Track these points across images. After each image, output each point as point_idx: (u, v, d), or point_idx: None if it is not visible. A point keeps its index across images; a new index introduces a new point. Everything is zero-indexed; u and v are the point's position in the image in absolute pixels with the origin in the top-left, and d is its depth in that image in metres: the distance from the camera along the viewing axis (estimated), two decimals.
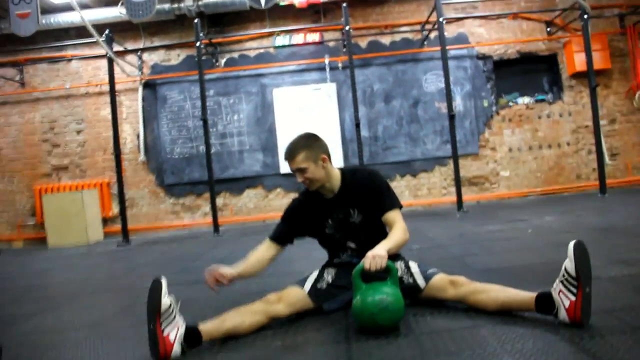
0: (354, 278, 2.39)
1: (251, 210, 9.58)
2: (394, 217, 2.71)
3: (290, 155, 2.69)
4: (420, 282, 2.61)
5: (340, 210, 2.78)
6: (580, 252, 2.11)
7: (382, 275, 2.38)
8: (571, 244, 2.14)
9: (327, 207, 2.81)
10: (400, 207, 2.77)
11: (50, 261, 6.89)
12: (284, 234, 2.87)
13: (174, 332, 2.24)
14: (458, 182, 8.07)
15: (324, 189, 2.77)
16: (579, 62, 9.12)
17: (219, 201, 9.37)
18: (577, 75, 9.45)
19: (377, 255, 2.35)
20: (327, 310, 2.68)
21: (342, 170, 2.85)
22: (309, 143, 2.72)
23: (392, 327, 2.32)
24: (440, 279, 2.59)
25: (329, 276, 2.78)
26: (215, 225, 8.17)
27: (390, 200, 2.75)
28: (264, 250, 2.85)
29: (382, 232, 2.79)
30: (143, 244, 8.06)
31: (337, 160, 9.05)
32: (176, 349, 2.22)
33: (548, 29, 9.62)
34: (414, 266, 2.71)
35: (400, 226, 2.66)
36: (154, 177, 9.72)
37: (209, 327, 2.37)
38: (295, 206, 2.92)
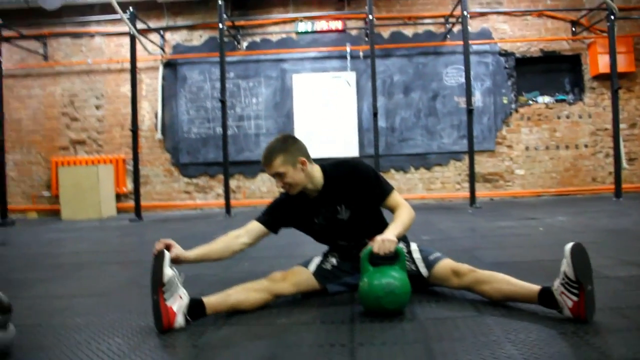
0: (362, 260, 2.38)
1: (264, 194, 9.61)
2: (393, 200, 2.65)
3: (267, 160, 2.59)
4: (423, 270, 2.59)
5: (327, 208, 2.70)
6: (579, 256, 2.06)
7: (390, 259, 2.37)
8: (567, 248, 2.08)
9: (312, 206, 2.72)
10: (393, 188, 2.69)
11: (63, 232, 6.96)
12: (270, 221, 2.78)
13: (177, 303, 2.25)
14: (472, 177, 8.04)
15: (307, 190, 2.68)
16: (603, 63, 9.03)
17: (232, 183, 9.42)
18: (599, 77, 9.35)
19: (386, 240, 2.33)
20: (332, 292, 2.68)
21: (322, 167, 2.73)
22: (286, 147, 2.62)
23: (398, 311, 2.33)
24: (442, 267, 2.55)
25: (333, 259, 2.77)
26: (227, 206, 8.21)
27: (383, 187, 2.67)
28: (242, 233, 2.74)
29: (372, 228, 2.67)
30: (155, 221, 8.13)
31: (353, 150, 9.06)
32: (179, 319, 2.24)
33: (573, 29, 9.52)
34: (415, 251, 2.68)
35: (404, 206, 2.62)
36: (169, 156, 9.78)
37: (213, 301, 2.38)
38: (281, 200, 2.82)
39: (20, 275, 3.82)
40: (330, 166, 2.74)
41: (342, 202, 2.68)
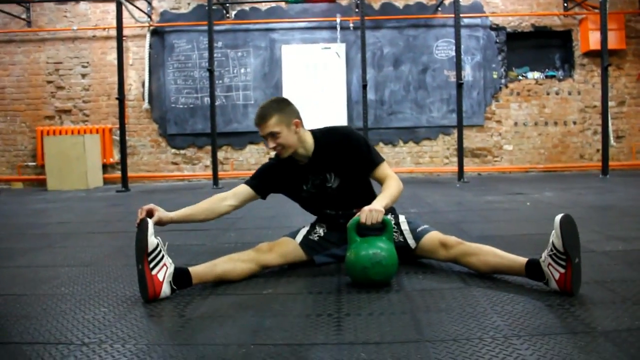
0: (349, 231, 2.36)
1: (252, 166, 9.57)
2: (382, 171, 2.64)
3: (262, 118, 2.54)
4: (411, 242, 2.59)
5: (316, 175, 2.68)
6: (568, 226, 2.06)
7: (378, 230, 2.37)
8: (557, 219, 2.08)
9: (302, 173, 2.71)
10: (383, 160, 2.68)
11: (49, 203, 6.90)
12: (258, 185, 2.77)
13: (163, 271, 2.23)
14: (461, 152, 8.05)
15: (297, 155, 2.65)
16: (594, 40, 9.01)
17: (220, 155, 9.37)
18: (590, 54, 9.35)
19: (373, 210, 2.31)
20: (318, 263, 2.68)
21: (313, 133, 2.72)
22: (282, 107, 2.60)
23: (384, 282, 2.33)
24: (430, 239, 2.56)
25: (320, 229, 2.77)
26: (215, 178, 8.18)
27: (373, 157, 2.65)
28: (229, 195, 2.74)
29: (361, 198, 2.66)
30: (142, 192, 8.09)
31: (342, 122, 9.01)
32: (165, 288, 2.22)
33: (565, 4, 9.46)
34: (403, 223, 2.67)
35: (392, 177, 2.61)
36: (156, 126, 9.68)
37: (199, 270, 2.38)
38: (271, 165, 2.80)
39: (5, 245, 3.80)
40: (321, 133, 2.72)
41: (331, 170, 2.66)
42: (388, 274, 2.32)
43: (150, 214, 2.42)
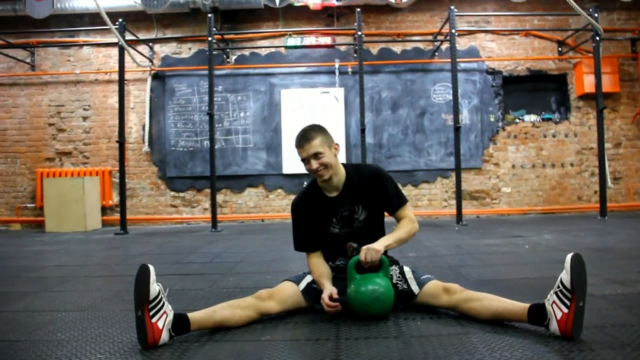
0: (349, 268, 2.52)
1: (251, 209, 9.58)
2: (404, 212, 2.78)
3: (306, 138, 2.66)
4: (414, 287, 2.61)
5: (346, 207, 2.78)
6: (577, 265, 2.10)
7: (376, 267, 2.52)
8: (569, 256, 2.13)
9: (332, 205, 2.79)
10: (407, 201, 2.83)
11: (46, 245, 6.87)
12: (310, 240, 2.86)
13: (163, 319, 2.22)
14: (459, 195, 8.07)
15: (330, 184, 2.76)
16: (588, 83, 9.13)
17: (220, 198, 9.38)
18: (585, 97, 9.47)
19: (372, 249, 2.46)
20: (319, 309, 2.66)
21: (344, 165, 2.85)
22: (323, 130, 2.75)
23: (383, 316, 2.47)
24: (434, 285, 2.59)
25: None
26: (214, 221, 8.16)
27: (400, 196, 2.80)
28: (318, 259, 2.84)
29: (382, 230, 2.84)
30: (141, 234, 8.06)
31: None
32: (164, 336, 2.21)
33: (559, 49, 9.64)
34: (408, 272, 2.72)
35: (409, 220, 2.74)
36: (156, 169, 9.72)
37: (198, 317, 2.36)
38: (299, 209, 2.88)
39: (1, 289, 3.77)
40: (352, 166, 2.87)
41: (360, 203, 2.77)
42: (386, 307, 2.47)
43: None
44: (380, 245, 2.53)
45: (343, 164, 2.86)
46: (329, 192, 2.81)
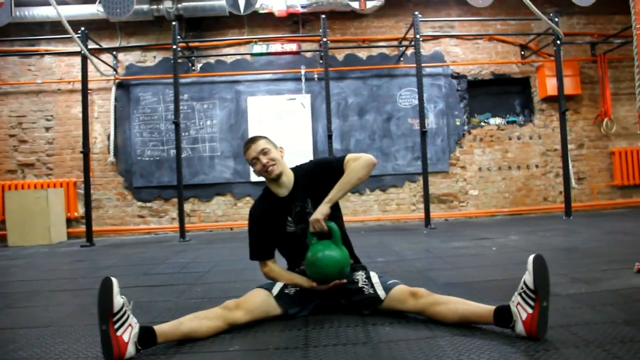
0: (308, 237, 2.73)
1: (219, 218, 9.50)
2: (346, 161, 2.79)
3: (252, 140, 2.92)
4: (381, 292, 2.63)
5: (297, 203, 2.86)
6: (540, 266, 2.15)
7: (328, 234, 2.68)
8: (531, 258, 2.18)
9: (285, 204, 2.87)
10: (348, 155, 2.85)
11: (9, 260, 6.71)
12: (268, 246, 2.93)
13: (128, 332, 2.19)
14: (427, 199, 8.14)
15: (280, 183, 2.87)
16: (551, 86, 9.31)
17: (187, 207, 9.29)
18: (548, 99, 9.64)
19: (314, 219, 2.64)
20: (292, 314, 2.67)
21: (292, 168, 2.98)
22: (266, 137, 2.98)
23: (323, 279, 2.63)
24: (400, 290, 2.61)
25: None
26: (182, 230, 8.07)
27: (338, 158, 2.84)
28: (276, 264, 2.94)
29: (339, 217, 2.92)
30: (107, 246, 7.93)
31: None
32: (130, 349, 2.17)
33: (522, 53, 9.81)
34: (374, 277, 2.75)
35: (351, 160, 2.77)
36: (122, 179, 9.57)
37: (164, 329, 2.33)
38: (256, 216, 2.95)
39: None
40: (297, 166, 3.00)
41: (309, 196, 2.84)
42: (322, 273, 2.61)
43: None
44: (320, 210, 2.65)
45: (291, 167, 2.99)
46: (281, 192, 2.90)
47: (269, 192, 2.95)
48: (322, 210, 2.64)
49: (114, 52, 9.62)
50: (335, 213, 2.83)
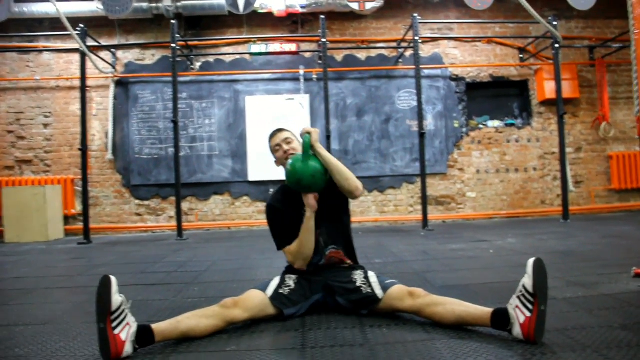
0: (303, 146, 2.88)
1: (217, 217, 9.50)
2: None
3: (279, 130, 3.08)
4: (379, 292, 2.64)
5: None
6: (539, 270, 2.16)
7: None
8: (530, 261, 2.19)
9: (300, 195, 2.87)
10: None
11: (6, 256, 6.69)
12: (290, 233, 2.91)
13: (126, 330, 2.18)
14: (425, 200, 8.14)
15: None
16: (549, 89, 9.34)
17: (185, 205, 9.28)
18: (546, 103, 9.66)
19: (305, 130, 2.85)
20: (287, 315, 2.67)
21: None
22: (291, 130, 3.13)
23: (297, 182, 2.79)
24: (398, 289, 2.62)
25: (290, 281, 2.81)
26: (179, 229, 8.07)
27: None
28: (293, 245, 2.94)
29: (342, 222, 3.01)
30: (104, 244, 7.92)
31: None
32: (127, 348, 2.17)
33: (521, 56, 9.83)
34: (372, 276, 2.77)
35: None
36: (120, 177, 9.56)
37: (162, 328, 2.32)
38: (275, 207, 2.99)
39: None
40: None
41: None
42: (290, 182, 2.82)
43: None
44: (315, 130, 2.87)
45: None
46: None
47: (285, 187, 3.00)
48: (317, 139, 2.87)
49: (113, 50, 9.61)
50: (342, 214, 2.99)
